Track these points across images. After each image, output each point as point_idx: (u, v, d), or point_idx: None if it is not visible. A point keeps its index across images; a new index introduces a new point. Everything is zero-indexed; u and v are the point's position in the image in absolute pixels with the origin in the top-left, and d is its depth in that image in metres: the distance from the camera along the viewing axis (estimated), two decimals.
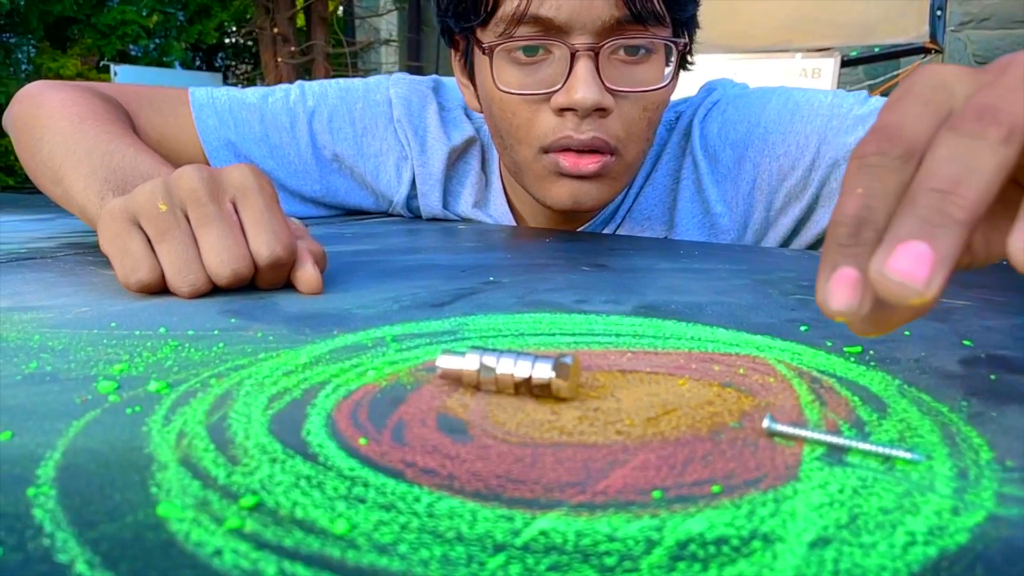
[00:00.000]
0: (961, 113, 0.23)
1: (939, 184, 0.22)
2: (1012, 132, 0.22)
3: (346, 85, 0.84)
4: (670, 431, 0.24)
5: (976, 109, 0.23)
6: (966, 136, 0.22)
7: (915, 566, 0.17)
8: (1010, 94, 0.23)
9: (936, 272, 0.21)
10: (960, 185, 0.21)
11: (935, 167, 0.22)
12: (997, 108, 0.22)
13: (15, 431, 0.23)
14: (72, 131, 0.59)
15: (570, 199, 0.67)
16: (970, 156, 0.22)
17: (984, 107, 0.23)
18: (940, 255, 0.21)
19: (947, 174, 0.22)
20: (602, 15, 0.61)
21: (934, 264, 0.21)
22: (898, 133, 0.24)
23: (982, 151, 0.22)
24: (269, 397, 0.27)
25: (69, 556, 0.16)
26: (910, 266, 0.20)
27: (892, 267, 0.21)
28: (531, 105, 0.65)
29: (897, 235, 0.21)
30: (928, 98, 0.25)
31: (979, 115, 0.22)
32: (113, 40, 4.11)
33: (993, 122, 0.22)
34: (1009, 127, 0.22)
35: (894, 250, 0.21)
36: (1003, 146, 0.22)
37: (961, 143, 0.22)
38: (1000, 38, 3.12)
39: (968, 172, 0.22)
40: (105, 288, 0.44)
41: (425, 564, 0.16)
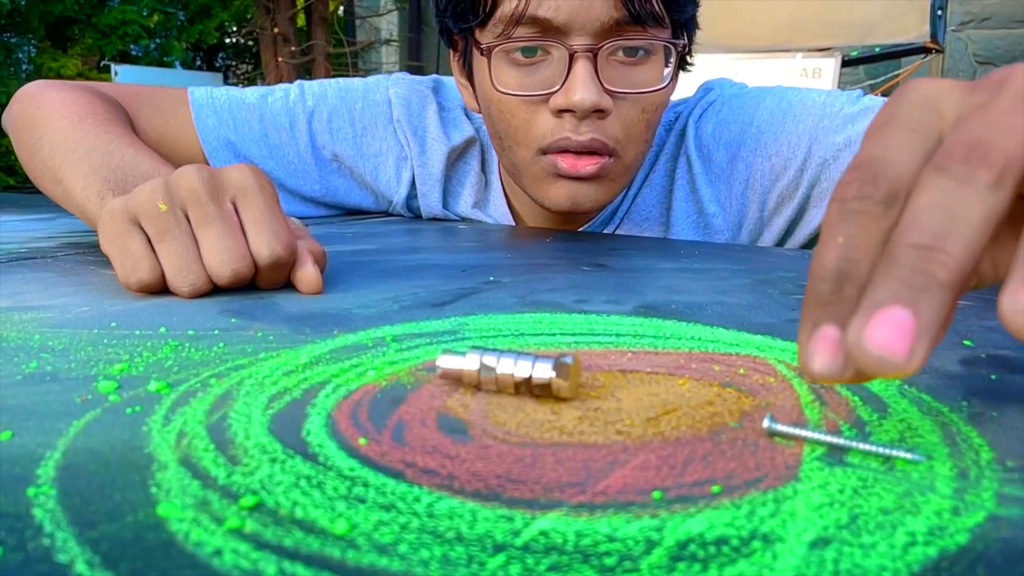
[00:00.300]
0: (948, 148, 0.21)
1: (921, 239, 0.19)
2: (1004, 174, 0.20)
3: (346, 85, 0.84)
4: (670, 431, 0.24)
5: (965, 145, 0.20)
6: (952, 179, 0.20)
7: (915, 566, 0.17)
8: (1003, 121, 0.21)
9: (919, 342, 0.18)
10: (945, 240, 0.19)
11: (917, 218, 0.20)
12: (988, 143, 0.20)
13: (15, 431, 0.23)
14: (72, 131, 0.59)
15: (568, 200, 0.67)
16: (956, 204, 0.19)
17: (973, 142, 0.20)
18: (923, 322, 0.18)
19: (930, 226, 0.19)
20: (601, 16, 0.61)
21: (916, 334, 0.18)
22: (881, 171, 0.22)
23: (970, 198, 0.20)
24: (269, 397, 0.27)
25: (69, 556, 0.16)
26: (890, 338, 0.18)
27: (870, 338, 0.18)
28: (529, 106, 0.65)
29: (875, 299, 0.19)
30: (915, 122, 0.23)
31: (967, 153, 0.20)
32: (114, 40, 4.11)
33: (983, 162, 0.20)
34: (1000, 168, 0.20)
35: (872, 318, 0.19)
36: (993, 191, 0.20)
37: (947, 188, 0.20)
38: (1001, 38, 3.12)
39: (953, 224, 0.19)
40: (105, 288, 0.44)
41: (425, 564, 0.16)
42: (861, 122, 0.68)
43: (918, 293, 0.19)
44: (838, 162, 0.68)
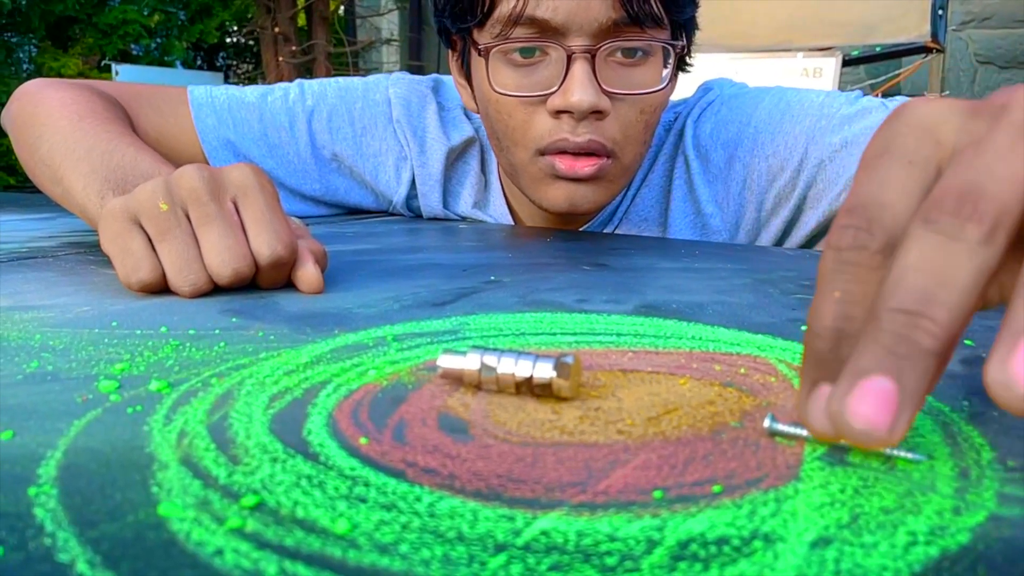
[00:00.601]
0: (939, 196, 0.19)
1: (905, 303, 0.18)
2: (995, 227, 0.19)
3: (345, 84, 0.84)
4: (671, 431, 0.24)
5: (956, 194, 0.19)
6: (941, 234, 0.19)
7: (916, 566, 0.17)
8: (998, 164, 0.19)
9: (901, 413, 0.18)
10: (930, 305, 0.18)
11: (903, 279, 0.19)
12: (979, 192, 0.19)
13: (16, 430, 0.23)
14: (71, 130, 0.59)
15: (566, 202, 0.67)
16: (944, 263, 0.19)
17: (965, 191, 0.19)
18: (907, 392, 0.18)
19: (916, 290, 0.18)
20: (599, 17, 0.61)
21: (899, 405, 0.18)
22: (877, 216, 0.21)
23: (958, 255, 0.19)
24: (270, 396, 0.27)
25: (70, 556, 0.16)
26: (872, 410, 0.18)
27: (853, 412, 0.18)
28: (527, 107, 0.65)
29: (859, 366, 0.18)
30: (912, 153, 0.21)
31: (958, 204, 0.19)
32: (114, 39, 4.11)
33: (973, 215, 0.19)
34: (992, 221, 0.19)
35: (855, 388, 0.18)
36: (984, 246, 0.19)
37: (935, 244, 0.19)
38: (1002, 37, 3.12)
39: (940, 287, 0.18)
40: (106, 287, 0.44)
41: (426, 564, 0.16)
42: (858, 123, 0.67)
43: (901, 361, 0.18)
44: (834, 163, 0.68)
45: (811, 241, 0.72)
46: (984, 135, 0.20)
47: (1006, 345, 0.17)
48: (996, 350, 0.17)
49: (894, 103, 0.69)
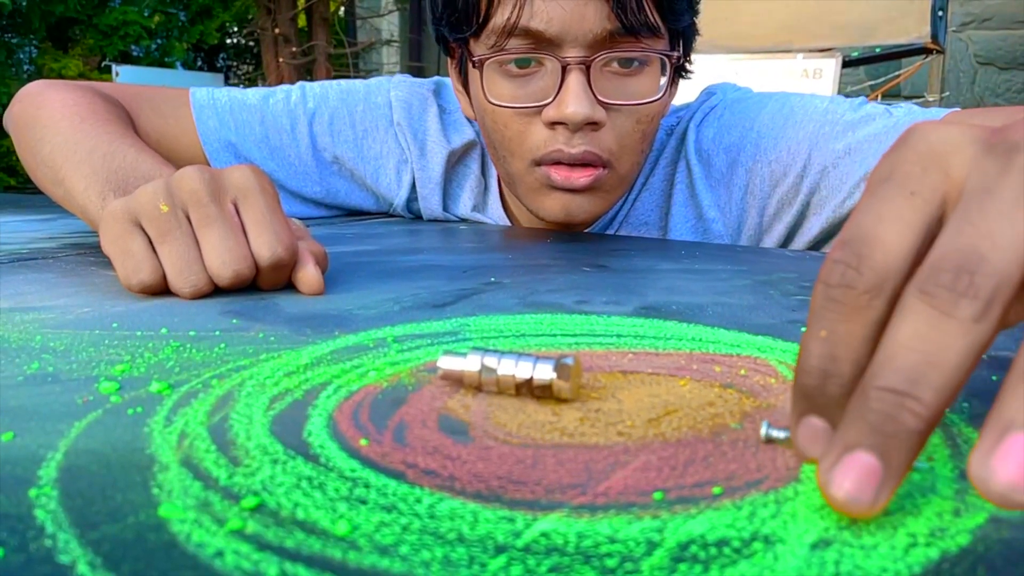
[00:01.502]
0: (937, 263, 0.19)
1: (894, 382, 0.18)
2: (991, 303, 0.18)
3: (347, 87, 0.84)
4: (671, 432, 0.24)
5: (954, 265, 0.19)
6: (935, 308, 0.19)
7: (916, 567, 0.17)
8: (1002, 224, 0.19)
9: (884, 487, 0.18)
10: (918, 385, 0.18)
11: (894, 357, 0.19)
12: (978, 263, 0.19)
13: (17, 432, 0.23)
14: (73, 131, 0.59)
15: (562, 212, 0.67)
16: (935, 341, 0.18)
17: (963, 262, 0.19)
18: (891, 468, 0.18)
19: (905, 369, 0.18)
20: (594, 28, 0.60)
21: (883, 480, 0.18)
22: (868, 254, 0.20)
23: (951, 334, 0.18)
24: (270, 398, 0.27)
25: (71, 557, 0.16)
26: (856, 485, 0.18)
27: (838, 485, 0.18)
28: (522, 118, 0.64)
29: (846, 440, 0.19)
30: (916, 184, 0.21)
31: (955, 276, 0.19)
32: (115, 40, 4.11)
33: (968, 290, 0.18)
34: (987, 297, 0.18)
35: (841, 463, 0.18)
36: (978, 324, 0.18)
37: (929, 319, 0.19)
38: (1002, 38, 3.12)
39: (930, 367, 0.18)
40: (107, 289, 0.44)
41: (427, 565, 0.16)
42: (862, 129, 0.67)
43: (887, 440, 0.18)
44: (838, 169, 0.67)
45: (814, 247, 0.72)
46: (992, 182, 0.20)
47: (991, 439, 0.17)
48: (981, 442, 0.17)
49: (898, 110, 0.69)
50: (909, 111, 0.68)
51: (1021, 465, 0.17)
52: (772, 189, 0.71)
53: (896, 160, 0.22)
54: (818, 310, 0.21)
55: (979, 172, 0.20)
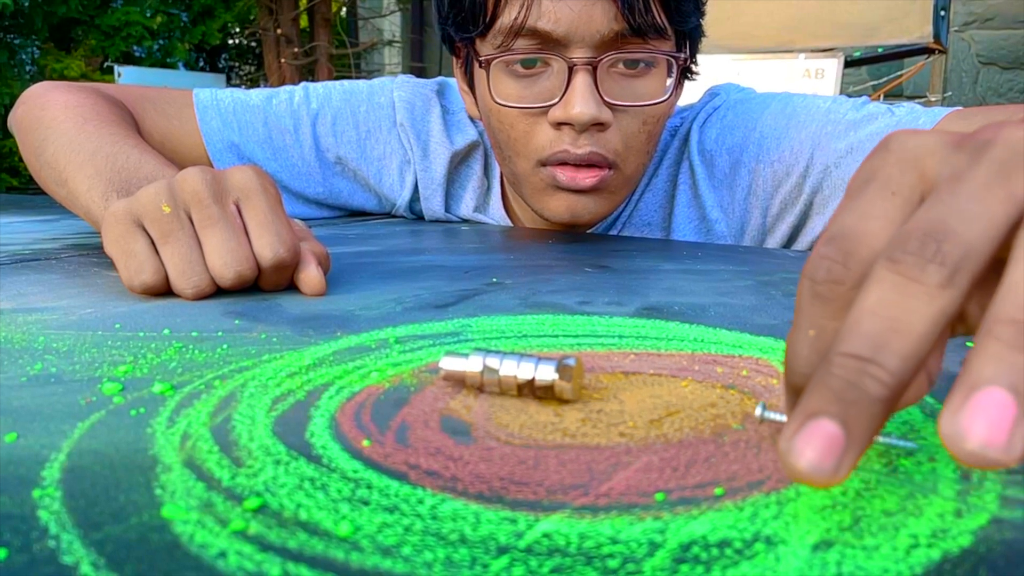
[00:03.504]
0: (906, 234, 0.19)
1: (858, 349, 0.18)
2: (957, 270, 0.18)
3: (350, 88, 0.84)
4: (673, 433, 0.24)
5: (921, 233, 0.19)
6: (902, 275, 0.19)
7: (918, 568, 0.17)
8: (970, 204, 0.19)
9: (847, 455, 0.18)
10: (882, 352, 0.18)
11: (859, 323, 0.19)
12: (946, 232, 0.19)
13: (20, 433, 0.23)
14: (76, 132, 0.59)
15: (567, 212, 0.67)
16: (901, 307, 0.18)
17: (930, 230, 0.19)
18: (853, 436, 0.18)
19: (869, 335, 0.18)
20: (601, 29, 0.60)
21: (844, 448, 0.18)
22: (853, 249, 0.21)
23: (916, 299, 0.18)
24: (273, 399, 0.27)
25: (74, 558, 0.17)
26: (817, 454, 0.18)
27: (799, 453, 0.18)
28: (528, 118, 0.64)
29: (808, 407, 0.18)
30: (896, 184, 0.21)
31: (923, 243, 0.19)
32: (117, 41, 4.12)
33: (935, 257, 0.19)
34: (954, 264, 0.18)
35: (802, 430, 0.18)
36: (943, 291, 0.18)
37: (895, 285, 0.19)
38: (1004, 38, 3.12)
39: (894, 333, 0.18)
40: (109, 290, 0.45)
41: (429, 566, 0.17)
42: (864, 128, 0.67)
43: (849, 407, 0.18)
44: (840, 168, 0.67)
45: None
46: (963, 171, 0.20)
47: (959, 397, 0.17)
48: (950, 401, 0.17)
49: (900, 109, 0.69)
50: (911, 110, 0.68)
51: (990, 422, 0.17)
52: (775, 189, 0.71)
53: (875, 164, 0.22)
54: (804, 307, 0.21)
55: (950, 166, 0.21)
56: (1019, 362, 0.17)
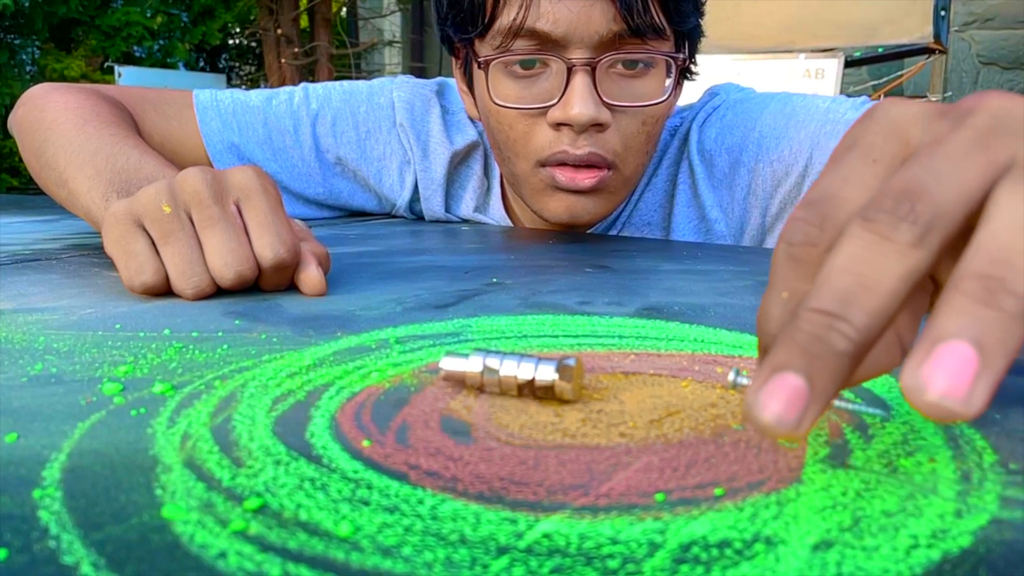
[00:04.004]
0: (882, 193, 0.19)
1: (826, 304, 0.19)
2: (928, 229, 0.19)
3: (350, 88, 0.84)
4: (673, 433, 0.24)
5: (896, 193, 0.19)
6: (875, 233, 0.19)
7: (918, 569, 0.17)
8: (946, 165, 0.19)
9: (809, 410, 0.18)
10: (850, 307, 0.18)
11: (829, 279, 0.19)
12: (920, 193, 0.19)
13: (21, 433, 0.23)
14: (77, 133, 0.59)
15: (567, 213, 0.67)
16: (871, 263, 0.19)
17: (905, 190, 0.19)
18: (817, 390, 0.18)
19: (838, 291, 0.19)
20: (600, 30, 0.60)
21: (808, 402, 0.18)
22: (831, 212, 0.21)
23: (887, 257, 0.19)
24: (273, 399, 0.27)
25: (75, 558, 0.17)
26: (781, 406, 0.18)
27: (764, 405, 0.18)
28: (527, 119, 0.64)
29: (774, 362, 0.19)
30: (878, 151, 0.22)
31: (896, 203, 0.19)
32: (117, 41, 4.12)
33: (908, 215, 0.19)
34: (926, 223, 0.19)
35: (767, 383, 0.18)
36: (914, 249, 0.19)
37: (868, 243, 0.19)
38: (1004, 38, 3.12)
39: (863, 289, 0.18)
40: (110, 290, 0.45)
41: (429, 567, 0.17)
42: None
43: (814, 361, 0.18)
44: None
45: None
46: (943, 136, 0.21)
47: (922, 350, 0.17)
48: (913, 354, 0.18)
49: None
50: None
51: (951, 374, 0.17)
52: (774, 189, 0.71)
53: (859, 132, 0.23)
54: (780, 269, 0.21)
55: (931, 133, 0.21)
56: (984, 316, 0.17)
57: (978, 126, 0.20)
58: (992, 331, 0.17)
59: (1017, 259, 0.18)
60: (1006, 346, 0.17)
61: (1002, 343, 0.17)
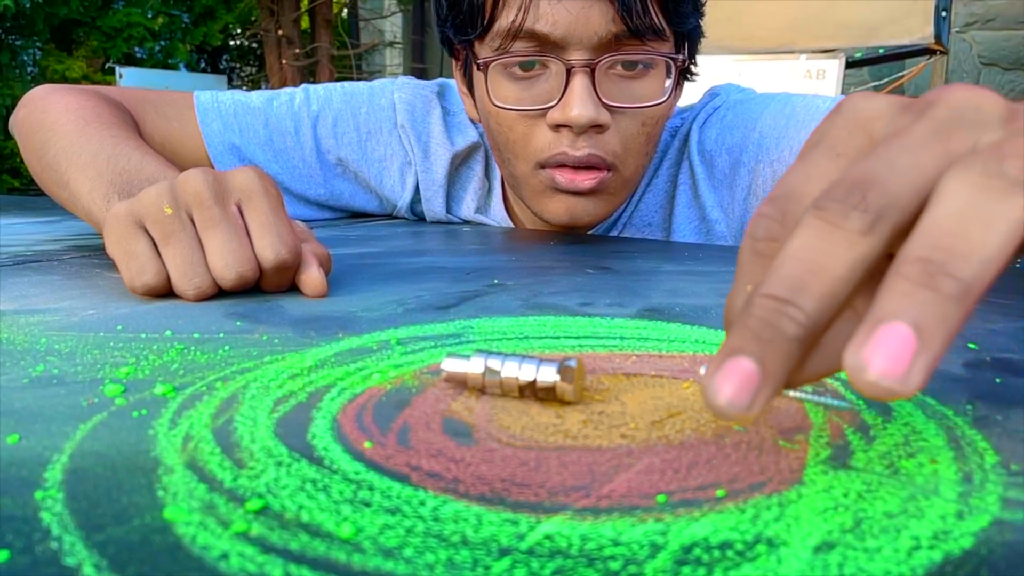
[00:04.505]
0: (836, 183, 0.20)
1: (777, 290, 0.19)
2: (878, 218, 0.19)
3: (351, 89, 0.84)
4: (675, 435, 0.24)
5: (849, 183, 0.20)
6: (826, 221, 0.19)
7: (919, 570, 0.17)
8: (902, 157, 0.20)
9: (760, 393, 0.19)
10: (800, 293, 0.19)
11: (782, 266, 0.19)
12: (872, 182, 0.20)
13: (22, 434, 0.23)
14: (78, 135, 0.59)
15: (567, 214, 0.67)
16: (821, 251, 0.19)
17: (858, 180, 0.20)
18: (767, 373, 0.19)
19: (789, 278, 0.19)
20: (599, 31, 0.60)
21: (759, 385, 0.19)
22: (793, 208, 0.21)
23: (837, 244, 0.19)
24: (274, 400, 0.27)
25: (76, 559, 0.17)
26: (734, 388, 0.19)
27: (717, 386, 0.19)
28: (527, 120, 0.64)
29: (729, 346, 0.19)
30: (843, 145, 0.22)
31: (848, 192, 0.20)
32: (118, 42, 4.12)
33: (858, 205, 0.19)
34: (876, 212, 0.19)
35: (722, 368, 0.19)
36: (863, 237, 0.19)
37: (819, 231, 0.19)
38: (1005, 39, 3.11)
39: (812, 275, 0.19)
40: (111, 291, 0.45)
41: (430, 568, 0.17)
42: None
43: (765, 345, 0.19)
44: None
45: None
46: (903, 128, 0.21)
47: (864, 331, 0.18)
48: (855, 336, 0.18)
49: None
50: None
51: (890, 355, 0.17)
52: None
53: (826, 127, 0.23)
54: (744, 263, 0.22)
55: (895, 125, 0.22)
56: (923, 298, 0.18)
57: (938, 118, 0.21)
58: (930, 313, 0.18)
59: (957, 243, 0.18)
60: (944, 327, 0.18)
61: (940, 324, 0.18)
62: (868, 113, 0.23)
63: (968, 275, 0.18)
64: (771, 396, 0.19)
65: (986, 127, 0.21)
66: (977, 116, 0.21)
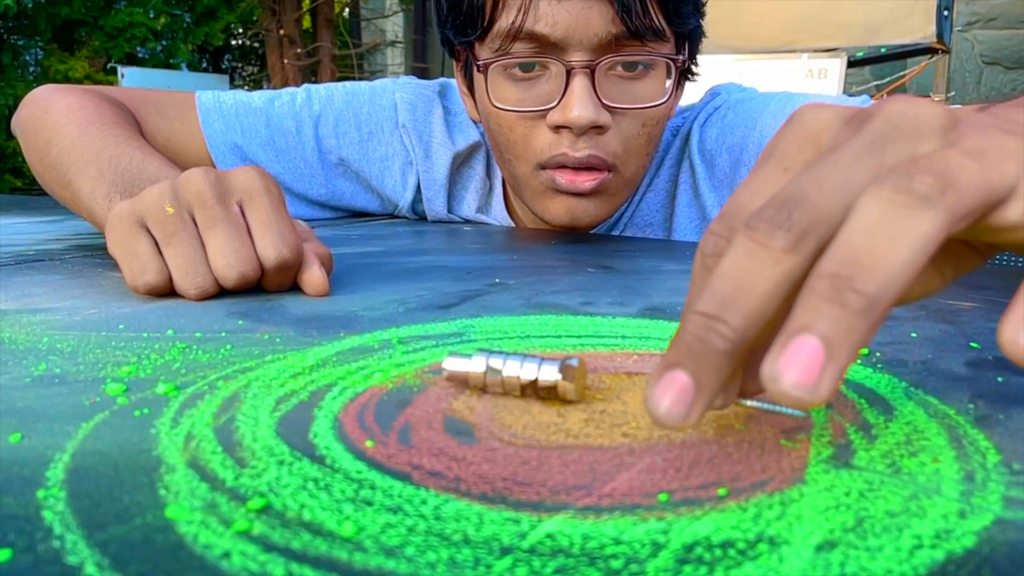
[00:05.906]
0: (766, 203, 0.21)
1: (707, 307, 0.20)
2: (802, 237, 0.20)
3: (352, 89, 0.84)
4: (676, 434, 0.24)
5: (778, 201, 0.20)
6: (754, 240, 0.20)
7: (921, 569, 0.17)
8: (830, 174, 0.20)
9: (696, 403, 0.20)
10: (727, 310, 0.20)
11: (712, 284, 0.20)
12: (800, 199, 0.20)
13: (24, 433, 0.23)
14: (80, 134, 0.59)
15: (567, 215, 0.67)
16: (748, 269, 0.20)
17: (787, 199, 0.20)
18: (700, 385, 0.20)
19: (718, 294, 0.20)
20: (599, 32, 0.60)
21: (694, 397, 0.20)
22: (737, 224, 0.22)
23: (762, 263, 0.20)
24: (276, 399, 0.27)
25: (79, 558, 0.17)
26: (670, 400, 0.20)
27: (657, 398, 0.20)
28: (527, 121, 0.64)
29: (666, 360, 0.21)
30: (791, 160, 0.23)
31: (776, 211, 0.20)
32: (120, 42, 4.13)
33: (783, 224, 0.20)
34: (800, 231, 0.20)
35: (660, 380, 0.20)
36: (787, 255, 0.20)
37: (746, 250, 0.20)
38: (1007, 38, 3.11)
39: (739, 293, 0.20)
40: (113, 290, 0.45)
41: (432, 567, 0.17)
42: None
43: (697, 359, 0.20)
44: None
45: None
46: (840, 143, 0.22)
47: (779, 344, 0.19)
48: (772, 347, 0.19)
49: None
50: None
51: (803, 366, 0.18)
52: None
53: (777, 140, 0.24)
54: (696, 278, 0.23)
55: (835, 139, 0.22)
56: (830, 313, 0.19)
57: (875, 131, 0.21)
58: (837, 327, 0.18)
59: (865, 258, 0.19)
60: (850, 340, 0.18)
61: (846, 337, 0.18)
62: (815, 126, 0.23)
63: (873, 290, 0.19)
64: (706, 406, 0.20)
65: (923, 138, 0.21)
66: (913, 127, 0.21)
